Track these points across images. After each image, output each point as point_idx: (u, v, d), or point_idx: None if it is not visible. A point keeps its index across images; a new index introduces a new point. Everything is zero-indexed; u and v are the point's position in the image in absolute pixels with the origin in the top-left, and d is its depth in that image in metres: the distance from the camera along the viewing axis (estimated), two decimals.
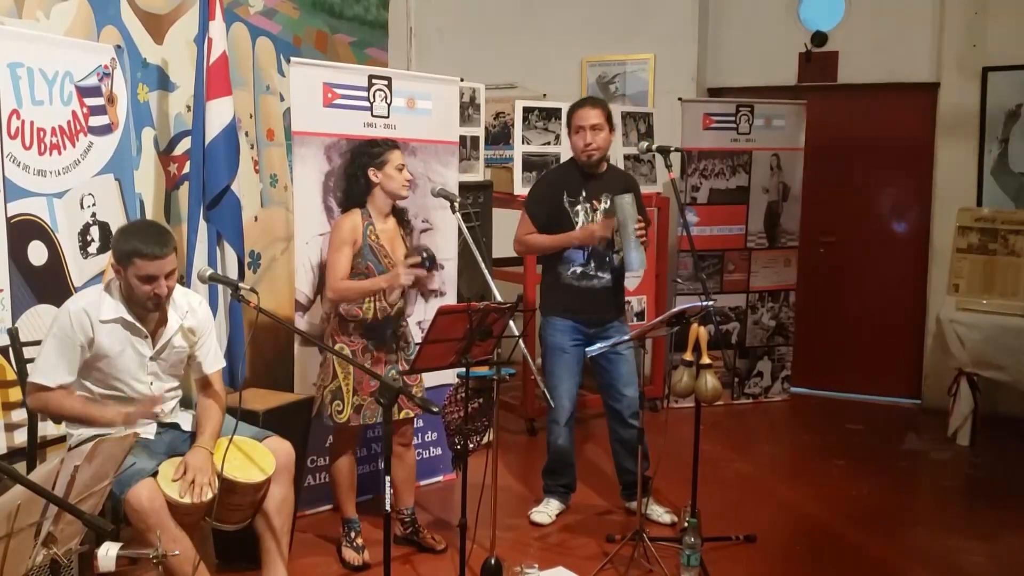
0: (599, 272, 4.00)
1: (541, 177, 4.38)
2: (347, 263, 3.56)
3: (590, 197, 4.01)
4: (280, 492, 3.11)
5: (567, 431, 4.08)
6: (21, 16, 3.72)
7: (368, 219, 3.61)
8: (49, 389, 2.91)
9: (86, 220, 3.62)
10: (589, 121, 3.94)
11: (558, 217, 3.98)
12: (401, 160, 3.65)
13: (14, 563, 2.07)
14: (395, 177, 3.62)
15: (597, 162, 4.00)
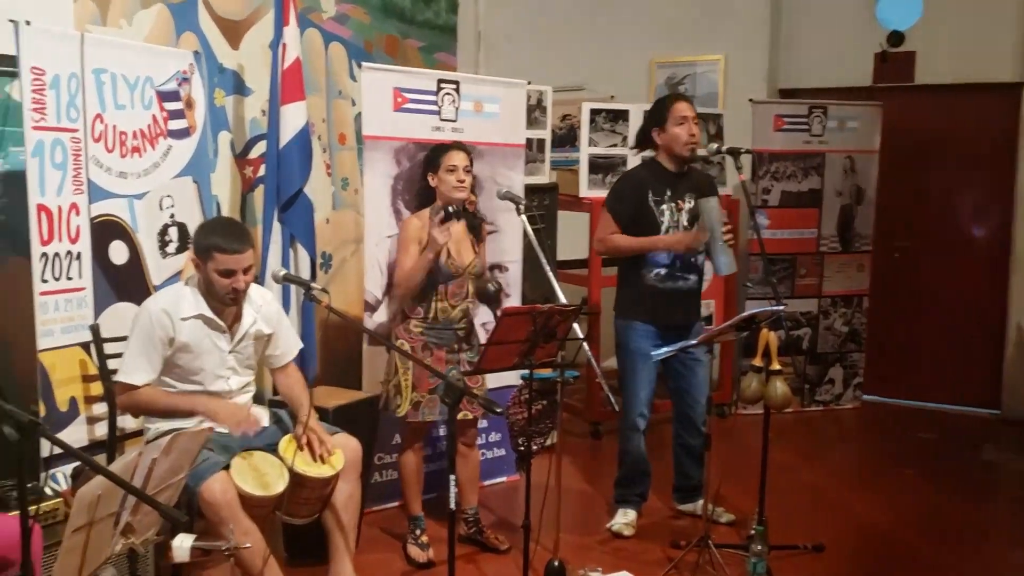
0: (684, 274, 3.90)
1: (623, 176, 4.22)
2: (412, 260, 3.60)
3: (675, 196, 3.89)
4: (348, 488, 3.17)
5: (644, 439, 4.03)
6: (105, 24, 3.87)
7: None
8: (136, 387, 3.02)
9: (165, 221, 3.74)
10: (691, 113, 3.84)
11: (642, 216, 3.87)
12: (456, 161, 3.63)
13: (95, 551, 2.16)
14: (445, 180, 3.63)
15: (693, 157, 3.93)
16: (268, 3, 4.49)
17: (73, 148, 3.31)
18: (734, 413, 5.84)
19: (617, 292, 4.07)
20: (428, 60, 5.82)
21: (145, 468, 2.26)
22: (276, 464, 3.04)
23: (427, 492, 3.99)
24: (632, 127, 5.45)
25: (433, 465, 4.32)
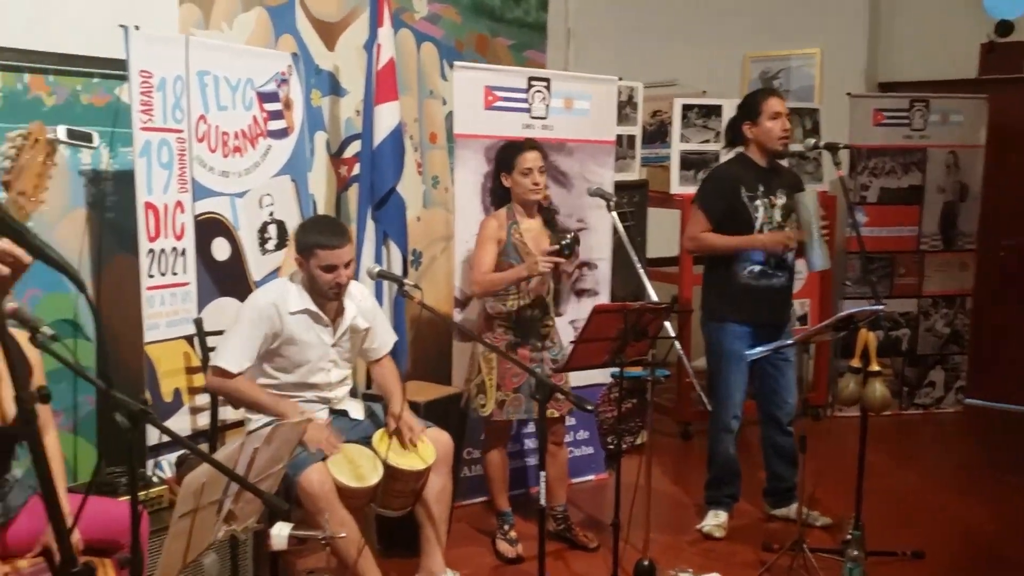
0: (777, 271, 3.81)
1: (713, 172, 4.14)
2: (491, 260, 3.62)
3: (768, 192, 3.80)
4: (439, 481, 3.22)
5: (734, 441, 3.97)
6: (208, 27, 4.00)
7: (512, 218, 3.67)
8: (230, 374, 3.12)
9: (264, 219, 3.85)
10: (783, 108, 3.78)
11: (735, 213, 3.79)
12: (530, 164, 3.62)
13: (199, 536, 2.23)
14: (520, 181, 3.63)
15: (785, 152, 3.83)
16: (363, 5, 4.58)
17: (178, 148, 3.44)
18: (830, 415, 5.70)
19: (704, 292, 3.99)
20: (518, 58, 5.84)
21: (247, 457, 2.33)
22: (371, 457, 3.11)
23: (512, 489, 4.01)
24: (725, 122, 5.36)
25: (517, 462, 4.35)
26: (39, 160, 1.60)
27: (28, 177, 1.56)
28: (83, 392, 3.53)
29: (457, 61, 4.35)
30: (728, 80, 6.29)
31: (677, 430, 5.41)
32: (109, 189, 3.60)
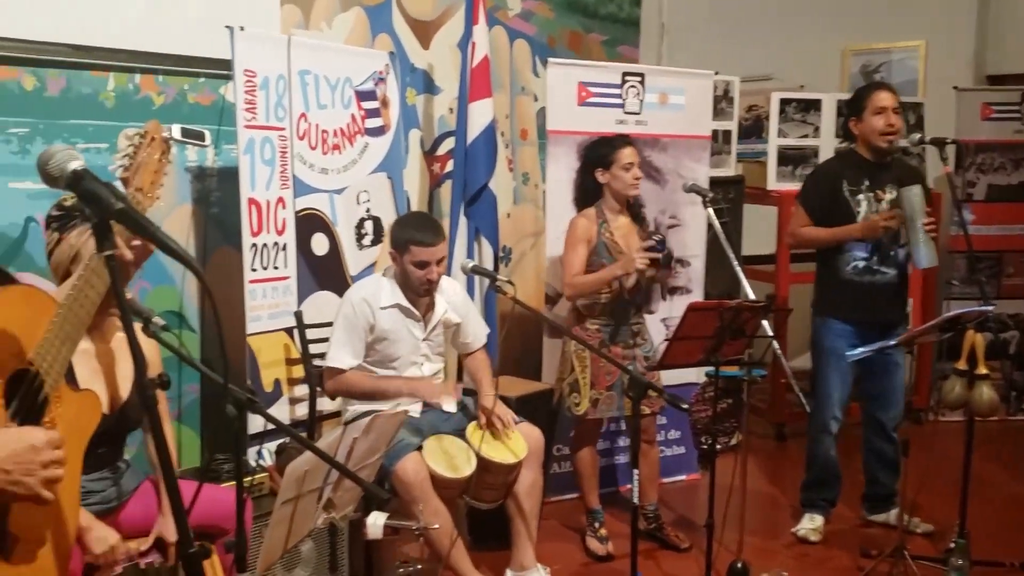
0: (882, 267, 3.69)
1: (815, 168, 4.06)
2: (581, 261, 3.61)
3: (874, 186, 3.69)
4: (530, 476, 3.23)
5: (835, 443, 3.86)
6: (308, 27, 4.10)
7: (601, 217, 3.65)
8: (342, 371, 3.21)
9: (361, 215, 3.92)
10: (890, 103, 3.66)
11: (836, 208, 3.70)
12: (630, 158, 3.59)
13: (301, 523, 2.29)
14: (621, 176, 3.60)
15: (892, 148, 3.75)
16: (458, 3, 4.62)
17: (280, 145, 3.54)
18: (932, 419, 5.50)
19: (815, 288, 3.91)
20: (611, 53, 5.81)
21: (347, 447, 2.38)
22: (464, 449, 3.15)
23: (602, 487, 3.99)
24: (825, 117, 5.25)
25: (607, 460, 4.32)
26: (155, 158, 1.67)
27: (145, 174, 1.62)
28: (187, 381, 3.67)
29: (550, 57, 4.35)
30: (827, 74, 6.14)
31: (771, 431, 5.30)
32: (213, 185, 3.72)
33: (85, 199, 1.29)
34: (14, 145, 3.17)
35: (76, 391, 1.43)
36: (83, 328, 1.39)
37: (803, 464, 4.01)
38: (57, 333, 1.35)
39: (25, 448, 1.23)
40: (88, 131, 3.34)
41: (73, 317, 1.37)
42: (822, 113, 5.24)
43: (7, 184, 3.14)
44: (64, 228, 2.43)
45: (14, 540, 1.27)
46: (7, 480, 1.21)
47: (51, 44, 3.20)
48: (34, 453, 1.24)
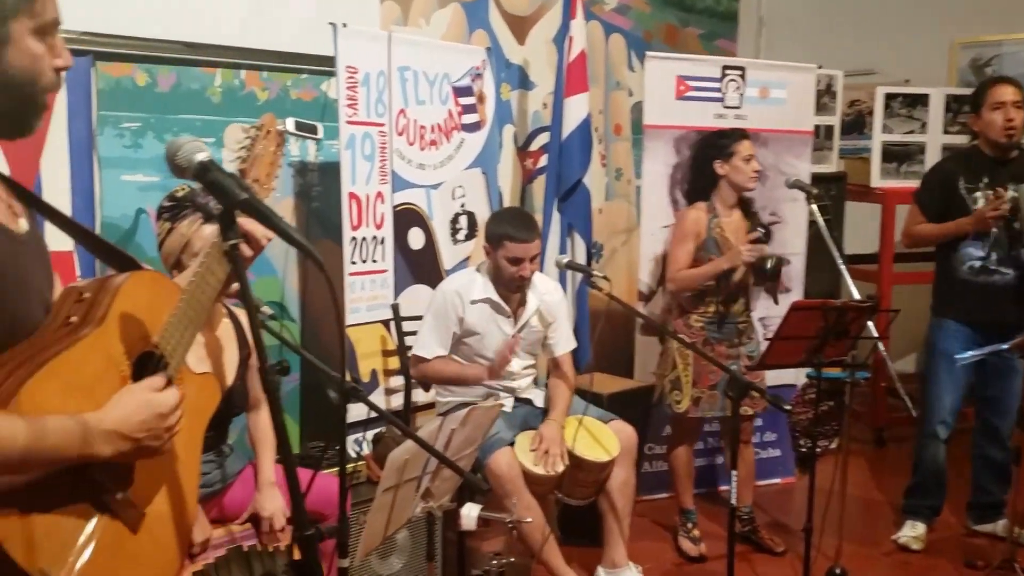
0: (1001, 267, 3.54)
1: (936, 164, 3.94)
2: (688, 256, 3.56)
3: (993, 184, 3.53)
4: (623, 474, 3.21)
5: (943, 449, 3.71)
6: (407, 24, 4.14)
7: (712, 212, 3.59)
8: (427, 360, 3.24)
9: (456, 210, 3.96)
10: (1010, 97, 3.51)
11: (952, 206, 3.57)
12: (750, 151, 3.55)
13: (399, 511, 2.32)
14: (742, 168, 3.54)
15: (1013, 144, 3.60)
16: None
17: (380, 141, 3.59)
18: None
19: (933, 289, 3.77)
20: (708, 47, 5.71)
21: (445, 437, 2.40)
22: None
23: (697, 487, 3.94)
24: (933, 112, 5.06)
25: (702, 460, 4.26)
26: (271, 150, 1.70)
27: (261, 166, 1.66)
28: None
29: (646, 51, 4.31)
30: (934, 68, 5.90)
31: (870, 436, 5.14)
32: (315, 180, 3.80)
33: (211, 189, 1.33)
34: (127, 139, 3.29)
35: (197, 374, 1.47)
36: (205, 314, 1.44)
37: (903, 470, 3.89)
38: (180, 318, 1.39)
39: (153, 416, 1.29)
40: (196, 126, 3.44)
41: (195, 303, 1.41)
42: (929, 108, 5.06)
43: (120, 177, 3.26)
44: (175, 218, 2.52)
45: (139, 513, 1.32)
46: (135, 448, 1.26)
47: (163, 42, 3.31)
48: (161, 420, 1.30)
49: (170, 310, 1.40)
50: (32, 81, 1.28)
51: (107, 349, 1.29)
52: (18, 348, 1.24)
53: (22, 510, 1.15)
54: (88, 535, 1.23)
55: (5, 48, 1.24)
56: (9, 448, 1.10)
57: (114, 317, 1.31)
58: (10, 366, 1.19)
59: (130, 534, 1.30)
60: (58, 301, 1.36)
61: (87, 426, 1.20)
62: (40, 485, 1.16)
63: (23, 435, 1.11)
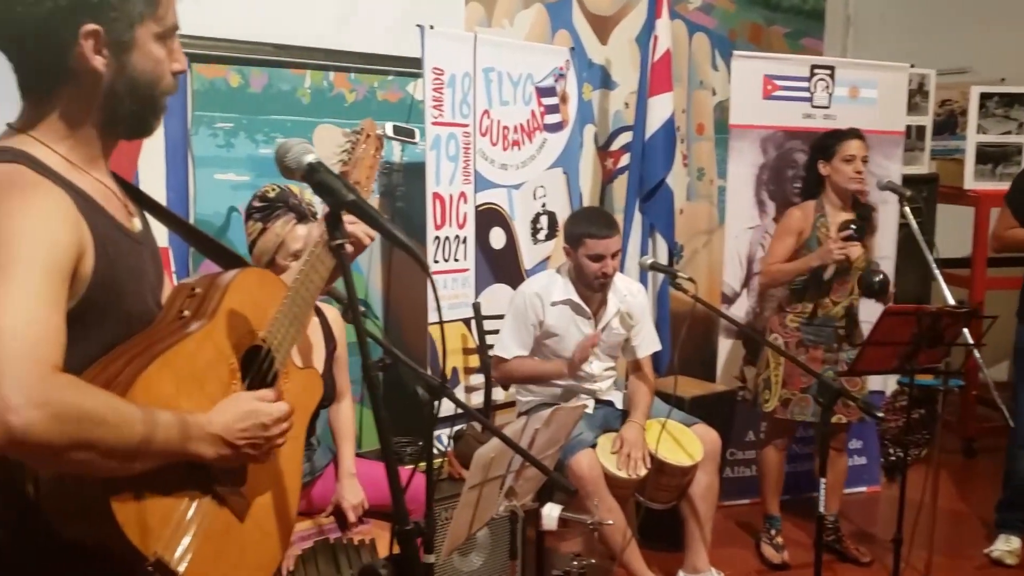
0: None
1: None
2: (786, 251, 3.51)
3: None
4: (706, 479, 3.17)
5: None
6: (491, 24, 4.17)
7: (820, 211, 3.53)
8: (505, 360, 3.25)
9: (537, 210, 3.96)
10: None
11: None
12: (854, 151, 3.46)
13: (484, 509, 2.34)
14: (842, 169, 3.47)
15: None
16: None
17: (464, 142, 3.62)
18: None
19: (1021, 294, 3.65)
20: (793, 46, 5.62)
21: (529, 437, 2.41)
22: None
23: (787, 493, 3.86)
24: None
25: (791, 466, 4.18)
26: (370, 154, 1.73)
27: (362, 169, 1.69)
28: None
29: (731, 50, 4.26)
30: None
31: (959, 445, 4.98)
32: (399, 180, 3.84)
33: (319, 190, 1.36)
34: (220, 139, 3.38)
35: (301, 369, 1.51)
36: (309, 310, 1.47)
37: (994, 482, 3.76)
38: (286, 314, 1.43)
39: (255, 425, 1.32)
40: (286, 126, 3.52)
41: (300, 300, 1.45)
42: None
43: (213, 175, 3.35)
44: (267, 218, 2.57)
45: (246, 503, 1.35)
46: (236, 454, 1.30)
47: (255, 43, 3.38)
48: (263, 429, 1.33)
49: (276, 306, 1.43)
50: (154, 84, 1.33)
51: (217, 342, 1.34)
52: (134, 340, 1.29)
53: (140, 496, 1.19)
54: (199, 522, 1.27)
55: (131, 53, 1.29)
56: (128, 434, 1.14)
57: (224, 312, 1.35)
58: (127, 356, 1.24)
59: (237, 522, 1.34)
60: (170, 296, 1.41)
61: (190, 427, 1.24)
62: (157, 473, 1.20)
63: (140, 424, 1.15)
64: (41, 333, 1.11)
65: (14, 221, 1.15)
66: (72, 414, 1.09)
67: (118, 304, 1.29)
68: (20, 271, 1.12)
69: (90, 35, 1.24)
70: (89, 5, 1.23)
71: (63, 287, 1.17)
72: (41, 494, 1.19)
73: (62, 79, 1.27)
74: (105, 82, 1.28)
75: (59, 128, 1.29)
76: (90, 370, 1.22)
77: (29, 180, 1.21)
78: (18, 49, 1.27)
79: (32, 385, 1.06)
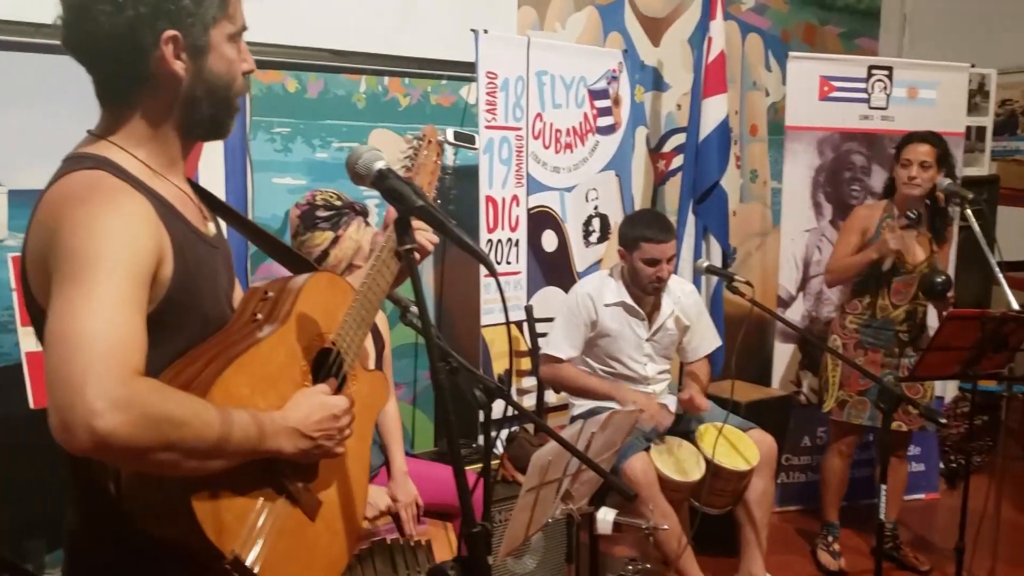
0: None
1: None
2: (849, 249, 3.49)
3: None
4: (762, 484, 3.14)
5: None
6: (543, 28, 4.17)
7: (889, 211, 3.49)
8: (559, 360, 3.25)
9: (589, 212, 3.96)
10: None
11: None
12: (911, 155, 3.42)
13: (541, 512, 2.34)
14: (899, 172, 3.44)
15: None
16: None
17: (516, 145, 3.63)
18: None
19: None
20: (848, 46, 5.54)
21: (585, 441, 2.41)
22: (694, 452, 3.10)
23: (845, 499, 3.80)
24: None
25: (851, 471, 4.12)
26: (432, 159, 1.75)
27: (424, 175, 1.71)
28: (422, 367, 3.84)
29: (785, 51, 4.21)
30: None
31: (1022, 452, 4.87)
32: (451, 183, 3.87)
33: (389, 196, 1.37)
34: (278, 143, 3.43)
35: (368, 371, 1.53)
36: (374, 313, 1.49)
37: None
38: (355, 317, 1.45)
39: (328, 416, 1.34)
40: (342, 131, 3.56)
41: (367, 303, 1.47)
42: None
43: (271, 179, 3.41)
44: (338, 226, 2.60)
45: (316, 502, 1.37)
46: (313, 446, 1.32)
47: (312, 49, 3.43)
48: (335, 420, 1.35)
49: (344, 309, 1.45)
50: (229, 85, 1.35)
51: (289, 345, 1.36)
52: (210, 342, 1.32)
53: (218, 495, 1.21)
54: (273, 521, 1.29)
55: (207, 55, 1.31)
56: (208, 434, 1.16)
57: (296, 316, 1.37)
58: (204, 359, 1.27)
59: (309, 521, 1.36)
60: (243, 299, 1.44)
61: (266, 424, 1.26)
62: (233, 472, 1.22)
63: (218, 424, 1.17)
64: (124, 338, 1.13)
65: (98, 227, 1.17)
66: (154, 417, 1.11)
67: (195, 307, 1.31)
68: (103, 277, 1.14)
69: (169, 40, 1.27)
70: (168, 11, 1.25)
71: (144, 292, 1.19)
72: (122, 491, 1.21)
73: (142, 85, 1.29)
74: (184, 86, 1.30)
75: (139, 133, 1.32)
76: (168, 372, 1.25)
77: (112, 186, 1.23)
78: (99, 58, 1.29)
79: (115, 390, 1.08)
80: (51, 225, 1.19)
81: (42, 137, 2.70)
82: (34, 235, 1.24)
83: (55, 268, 1.16)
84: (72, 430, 1.06)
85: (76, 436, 1.06)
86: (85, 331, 1.10)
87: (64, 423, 1.07)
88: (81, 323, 1.10)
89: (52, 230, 1.19)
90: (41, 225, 1.23)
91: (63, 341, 1.10)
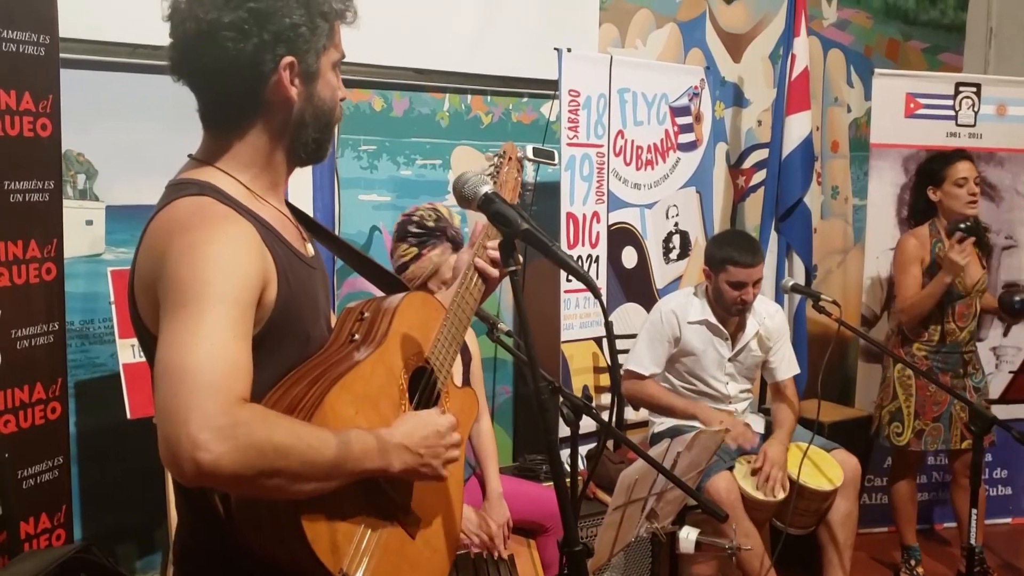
0: None
1: None
2: (916, 282, 3.42)
3: None
4: (845, 506, 3.10)
5: None
6: (624, 45, 4.19)
7: (936, 236, 3.42)
8: (641, 376, 3.25)
9: (669, 229, 3.96)
10: None
11: None
12: (965, 173, 3.37)
13: (627, 529, 2.36)
14: (955, 193, 3.37)
15: None
16: (771, 15, 4.54)
17: (597, 162, 3.65)
18: None
19: None
20: (932, 62, 5.43)
21: (671, 460, 2.42)
22: None
23: (920, 522, 3.74)
24: None
25: (927, 494, 4.04)
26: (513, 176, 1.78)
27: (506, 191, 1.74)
28: (500, 383, 3.88)
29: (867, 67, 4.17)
30: None
31: None
32: (532, 200, 3.91)
33: (495, 220, 1.41)
34: (364, 161, 3.52)
35: (459, 388, 1.57)
36: (464, 331, 1.54)
37: None
38: (446, 335, 1.50)
39: (433, 433, 1.36)
40: (425, 148, 3.64)
41: (457, 321, 1.52)
42: None
43: (357, 196, 3.49)
44: (424, 245, 2.66)
45: (416, 520, 1.41)
46: (419, 463, 1.34)
47: (398, 68, 3.51)
48: (439, 437, 1.37)
49: (436, 328, 1.50)
50: (332, 110, 1.39)
51: (388, 364, 1.40)
52: (310, 364, 1.34)
53: (327, 514, 1.24)
54: (378, 539, 1.32)
55: (317, 82, 1.35)
56: (322, 457, 1.18)
57: (393, 335, 1.41)
58: (307, 380, 1.29)
59: (410, 539, 1.39)
60: (340, 319, 1.47)
61: (382, 440, 1.28)
62: (338, 492, 1.23)
63: (333, 446, 1.19)
64: (229, 367, 1.13)
65: (204, 255, 1.18)
66: (258, 447, 1.11)
67: (297, 329, 1.33)
68: (209, 307, 1.15)
69: (287, 66, 1.30)
70: (288, 38, 1.29)
71: (250, 318, 1.20)
72: (232, 510, 1.23)
73: (256, 110, 1.32)
74: (295, 111, 1.33)
75: (245, 158, 1.34)
76: (271, 395, 1.26)
77: (217, 212, 1.24)
78: (218, 83, 1.30)
79: (218, 420, 1.08)
80: (158, 253, 1.21)
81: (138, 154, 2.84)
82: (142, 262, 1.26)
83: (163, 297, 1.18)
84: (179, 463, 1.08)
85: (183, 468, 1.08)
86: (189, 364, 1.11)
87: (172, 456, 1.08)
88: (186, 356, 1.11)
89: (159, 258, 1.20)
90: (149, 252, 1.24)
91: (169, 375, 1.11)
